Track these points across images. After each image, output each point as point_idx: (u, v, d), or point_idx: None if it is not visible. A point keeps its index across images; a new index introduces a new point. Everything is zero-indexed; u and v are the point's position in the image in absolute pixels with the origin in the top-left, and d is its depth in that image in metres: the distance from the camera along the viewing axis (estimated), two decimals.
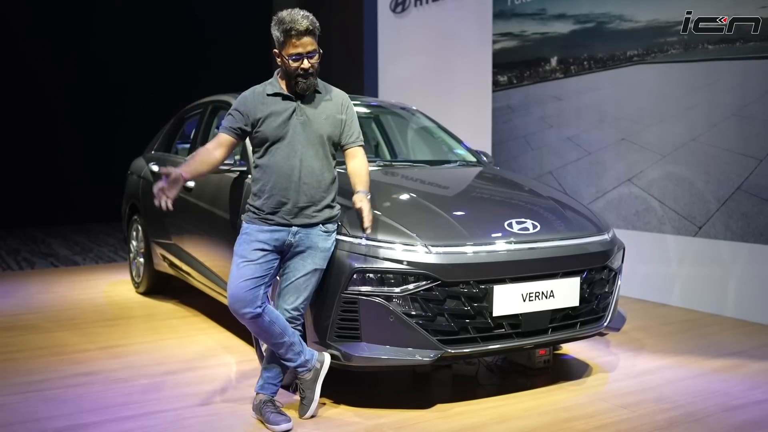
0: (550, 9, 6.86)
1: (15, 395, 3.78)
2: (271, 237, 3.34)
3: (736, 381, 4.00)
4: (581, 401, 3.69)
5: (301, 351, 3.39)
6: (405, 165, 4.98)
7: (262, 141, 3.38)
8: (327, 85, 3.55)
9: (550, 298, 3.61)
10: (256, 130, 3.38)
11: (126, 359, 4.39)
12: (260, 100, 3.39)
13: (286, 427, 3.29)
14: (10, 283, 6.95)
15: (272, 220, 3.35)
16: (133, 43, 11.56)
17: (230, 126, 3.40)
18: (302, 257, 3.37)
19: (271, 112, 3.36)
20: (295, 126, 3.37)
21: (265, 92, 3.41)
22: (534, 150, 7.09)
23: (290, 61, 3.30)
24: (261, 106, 3.38)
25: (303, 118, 3.38)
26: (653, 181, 6.00)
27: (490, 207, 4.10)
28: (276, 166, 3.35)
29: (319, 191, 3.40)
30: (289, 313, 3.37)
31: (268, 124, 3.35)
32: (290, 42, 3.28)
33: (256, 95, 3.42)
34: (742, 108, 5.35)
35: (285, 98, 3.39)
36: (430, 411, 3.55)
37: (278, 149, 3.35)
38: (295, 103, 3.39)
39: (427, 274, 3.37)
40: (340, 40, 10.36)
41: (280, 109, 3.37)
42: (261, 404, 3.39)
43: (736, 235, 5.42)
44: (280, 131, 3.35)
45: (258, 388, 3.45)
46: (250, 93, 3.45)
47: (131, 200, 6.34)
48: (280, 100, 3.39)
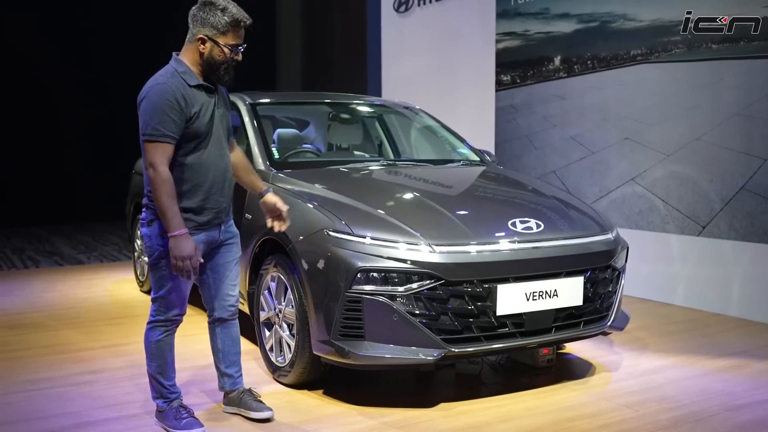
0: (554, 8, 6.86)
1: (20, 393, 3.80)
2: (205, 242, 3.18)
3: (740, 380, 3.99)
4: (585, 400, 3.69)
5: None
6: (408, 164, 4.99)
7: (192, 137, 3.06)
8: None
9: (554, 297, 3.61)
10: (189, 123, 3.04)
11: (130, 358, 4.40)
12: (189, 92, 3.05)
13: (269, 414, 3.37)
14: (15, 281, 6.97)
15: (210, 223, 3.18)
16: (138, 42, 11.57)
17: (171, 133, 2.98)
18: (229, 248, 3.35)
19: (200, 106, 3.09)
20: (217, 120, 3.17)
21: (188, 83, 3.06)
22: (537, 149, 7.09)
23: (227, 49, 3.07)
24: (190, 98, 3.05)
25: (221, 111, 3.20)
26: (657, 181, 5.99)
27: (494, 206, 4.10)
28: (211, 163, 3.14)
29: (233, 183, 3.34)
30: (233, 306, 3.39)
31: (201, 118, 3.07)
32: (235, 32, 3.08)
33: (183, 87, 3.04)
34: (745, 107, 5.35)
35: (206, 90, 3.14)
36: (434, 410, 3.55)
37: (209, 145, 3.12)
38: (215, 95, 3.18)
39: (431, 273, 3.38)
40: (343, 40, 10.38)
41: (206, 103, 3.12)
42: (239, 396, 3.45)
43: (739, 235, 5.41)
44: (209, 126, 3.12)
45: (230, 385, 3.48)
46: (173, 85, 3.02)
47: (135, 199, 6.34)
48: (203, 92, 3.12)
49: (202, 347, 4.63)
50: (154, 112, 2.97)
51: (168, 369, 3.30)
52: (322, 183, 4.04)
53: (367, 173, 4.49)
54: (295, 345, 3.70)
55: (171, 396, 3.32)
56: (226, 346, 3.45)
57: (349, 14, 10.30)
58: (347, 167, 4.52)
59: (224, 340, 3.44)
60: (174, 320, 3.25)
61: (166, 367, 3.29)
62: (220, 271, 3.34)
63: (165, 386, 3.30)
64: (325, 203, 3.73)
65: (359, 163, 4.75)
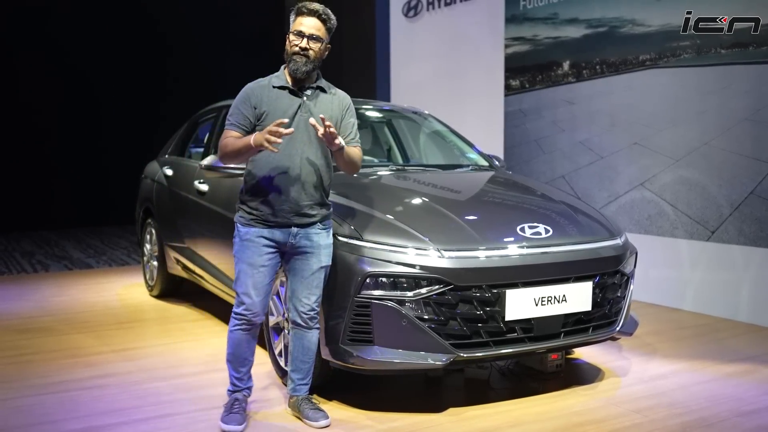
0: (563, 13, 6.86)
1: (31, 397, 3.82)
2: (272, 238, 3.33)
3: (749, 386, 3.98)
4: (593, 406, 3.68)
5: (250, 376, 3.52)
6: (417, 169, 4.99)
7: None
8: (332, 86, 3.51)
9: (563, 302, 3.61)
10: (260, 121, 3.29)
11: (140, 362, 4.42)
12: (266, 93, 3.32)
13: (325, 423, 3.38)
14: (24, 285, 7.01)
15: (272, 222, 3.31)
16: (148, 45, 11.63)
17: (238, 122, 3.31)
18: (306, 257, 3.37)
19: (276, 106, 3.30)
20: (299, 122, 3.30)
21: (271, 84, 3.34)
22: (546, 154, 7.09)
23: (291, 36, 3.29)
24: (266, 98, 3.31)
25: (307, 115, 3.30)
26: (666, 186, 5.98)
27: (503, 211, 4.11)
28: (277, 162, 3.28)
29: (318, 190, 3.37)
30: (306, 314, 3.40)
31: (272, 117, 3.25)
32: (297, 20, 3.31)
33: (262, 87, 3.35)
34: (755, 112, 5.33)
35: (291, 92, 3.34)
36: (443, 415, 3.55)
37: (280, 145, 3.20)
38: (301, 99, 3.34)
39: (440, 278, 3.38)
40: (352, 44, 10.39)
41: (286, 104, 3.31)
42: (298, 402, 3.49)
43: (749, 240, 5.40)
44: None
45: (290, 390, 3.54)
46: (255, 84, 3.38)
47: (145, 203, 6.37)
48: (286, 93, 3.34)
49: (214, 351, 4.65)
50: (233, 105, 3.37)
51: (236, 362, 3.45)
52: (331, 188, 4.05)
53: (376, 178, 4.50)
54: None
55: (234, 386, 3.48)
56: (295, 350, 3.49)
57: (358, 19, 10.32)
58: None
59: (295, 344, 3.49)
60: (241, 315, 3.37)
61: (235, 359, 3.45)
62: (296, 276, 3.39)
63: (232, 375, 3.49)
64: (333, 208, 3.74)
65: (368, 168, 4.76)
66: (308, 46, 3.27)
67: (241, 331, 3.39)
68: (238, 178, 4.30)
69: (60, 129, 11.32)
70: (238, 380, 3.47)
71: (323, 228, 3.41)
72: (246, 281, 3.34)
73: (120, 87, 11.54)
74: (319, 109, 3.35)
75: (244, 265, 3.35)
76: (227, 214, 4.55)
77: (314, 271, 3.38)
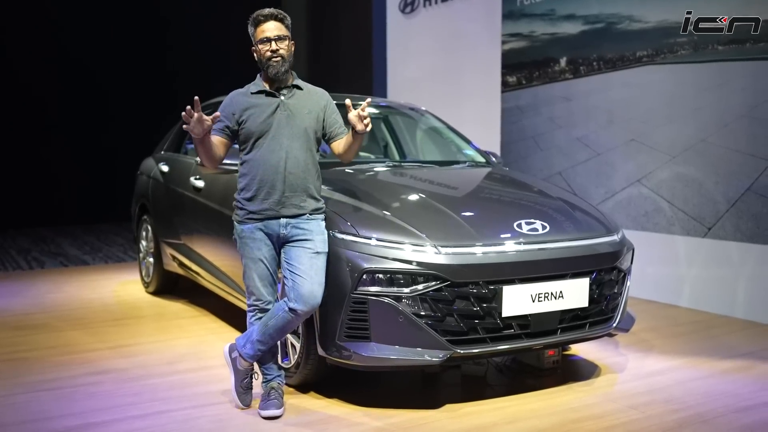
0: (560, 9, 6.85)
1: (26, 394, 3.81)
2: (266, 231, 3.46)
3: (746, 382, 3.99)
4: (590, 402, 3.68)
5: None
6: (414, 165, 4.99)
7: (247, 136, 3.47)
8: (308, 84, 3.67)
9: (560, 298, 3.61)
10: (241, 126, 3.48)
11: (136, 359, 4.42)
12: (244, 99, 3.52)
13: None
14: (20, 282, 6.99)
15: (262, 214, 3.44)
16: (143, 43, 11.61)
17: (218, 128, 3.49)
18: (300, 244, 3.42)
19: (255, 109, 3.47)
20: (280, 120, 3.46)
21: (249, 91, 3.55)
22: (543, 151, 7.09)
23: (259, 45, 3.46)
24: (244, 103, 3.50)
25: (287, 113, 3.48)
26: (663, 182, 5.98)
27: (500, 208, 4.10)
28: (262, 159, 3.44)
29: (304, 182, 3.47)
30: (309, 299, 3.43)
31: (252, 119, 3.45)
32: (257, 29, 3.48)
33: (240, 94, 3.56)
34: (752, 109, 5.34)
35: (268, 95, 3.51)
36: (439, 411, 3.55)
37: (264, 143, 3.44)
38: (279, 99, 3.50)
39: (437, 274, 3.38)
40: (349, 41, 10.39)
41: (264, 105, 3.48)
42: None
43: (745, 236, 5.40)
44: (265, 126, 3.44)
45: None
46: (234, 93, 3.59)
47: (141, 200, 6.36)
48: (263, 96, 3.51)
49: (210, 348, 4.64)
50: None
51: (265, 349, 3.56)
52: (327, 184, 4.04)
53: (373, 174, 4.49)
54: (301, 346, 3.70)
55: (265, 377, 3.60)
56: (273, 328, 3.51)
57: (354, 15, 10.31)
58: (352, 168, 4.52)
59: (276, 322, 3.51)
60: (254, 305, 3.53)
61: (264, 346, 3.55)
62: (292, 266, 3.41)
63: (260, 366, 3.60)
64: (330, 204, 3.74)
65: (364, 165, 4.75)
66: (278, 47, 3.45)
67: (258, 320, 3.52)
68: (233, 174, 4.30)
69: (56, 127, 11.28)
70: (267, 369, 3.59)
71: (313, 218, 3.49)
72: (251, 275, 3.49)
73: (119, 85, 11.51)
74: (299, 105, 3.52)
75: (247, 260, 3.50)
76: (223, 211, 4.55)
77: (309, 255, 3.40)
